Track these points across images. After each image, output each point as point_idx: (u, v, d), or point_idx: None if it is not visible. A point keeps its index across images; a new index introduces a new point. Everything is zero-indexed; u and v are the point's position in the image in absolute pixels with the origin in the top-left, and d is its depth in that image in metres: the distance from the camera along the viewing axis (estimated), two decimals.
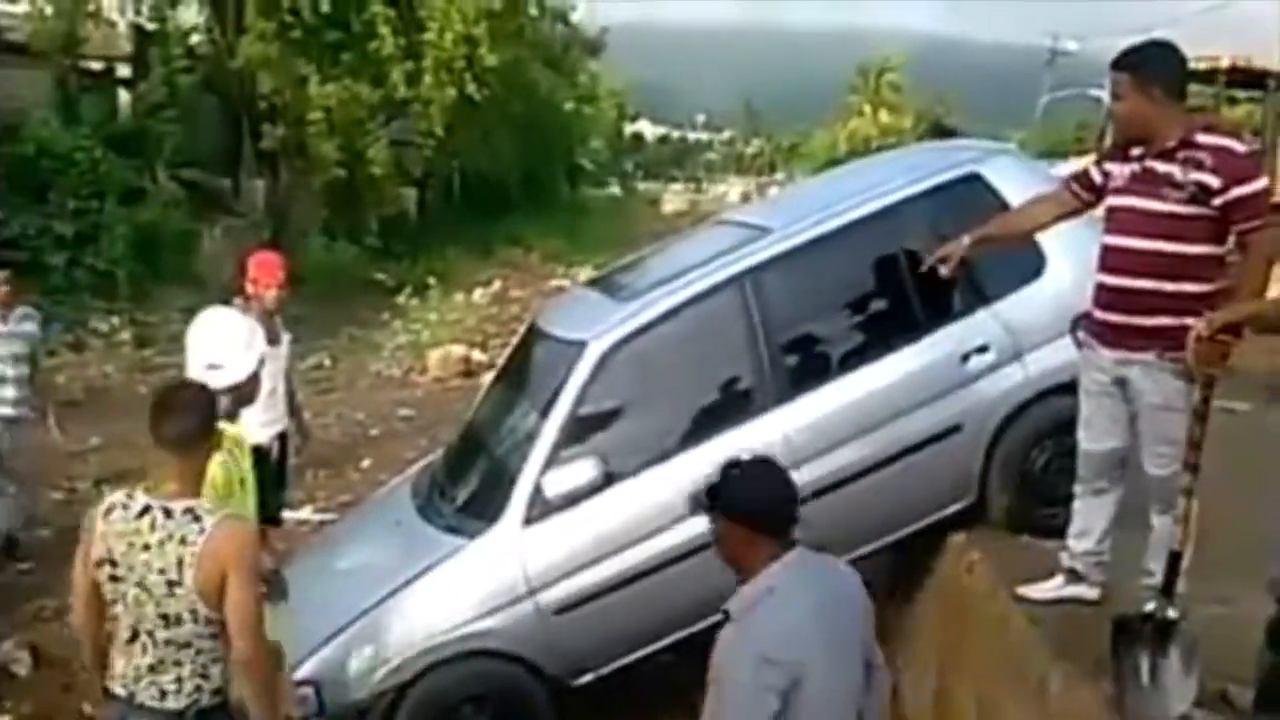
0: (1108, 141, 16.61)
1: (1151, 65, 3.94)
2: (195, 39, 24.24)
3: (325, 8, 21.57)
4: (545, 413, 4.99)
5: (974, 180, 5.21)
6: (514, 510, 4.87)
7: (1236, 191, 3.78)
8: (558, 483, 4.82)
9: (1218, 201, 3.78)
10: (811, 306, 5.27)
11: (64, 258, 15.34)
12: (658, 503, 4.90)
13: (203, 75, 23.41)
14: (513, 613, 4.80)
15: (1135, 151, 3.99)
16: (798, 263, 5.14)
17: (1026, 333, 5.08)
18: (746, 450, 4.85)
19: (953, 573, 5.35)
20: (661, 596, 4.90)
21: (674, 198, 63.74)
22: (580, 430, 4.95)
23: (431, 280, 17.99)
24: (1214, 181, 3.78)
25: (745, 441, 4.96)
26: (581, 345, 5.05)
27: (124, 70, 22.49)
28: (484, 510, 5.00)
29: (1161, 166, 3.89)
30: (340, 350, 16.04)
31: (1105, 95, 16.56)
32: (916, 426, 5.04)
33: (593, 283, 6.36)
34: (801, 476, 4.92)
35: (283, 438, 6.43)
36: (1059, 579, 4.44)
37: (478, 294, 20.44)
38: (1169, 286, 3.87)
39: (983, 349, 5.08)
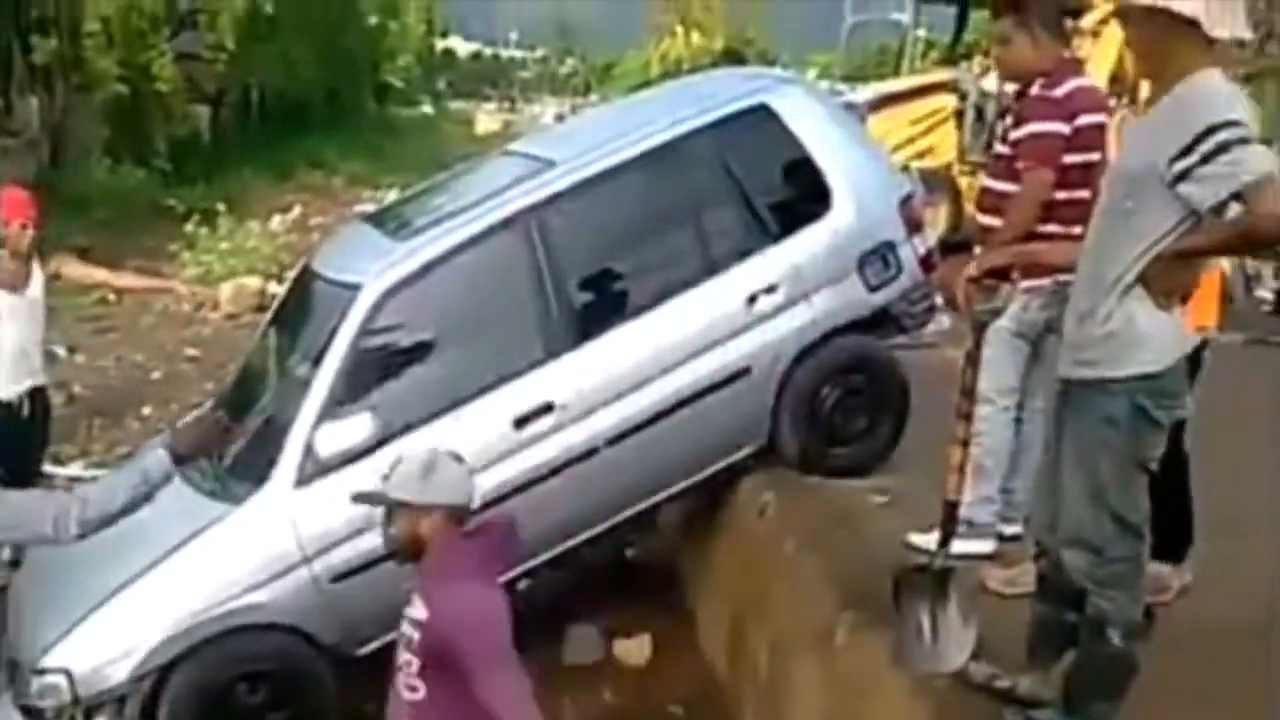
0: (905, 64, 16.49)
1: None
2: None
3: None
4: (318, 362, 4.64)
5: (762, 111, 5.08)
6: (284, 471, 4.53)
7: (1015, 133, 3.94)
8: (331, 439, 4.48)
9: (1012, 137, 3.98)
10: (599, 245, 5.05)
11: None
12: None
13: None
14: (286, 583, 4.48)
15: None
16: (584, 199, 4.91)
17: (814, 272, 5.02)
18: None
19: (746, 516, 5.31)
20: None
21: (487, 118, 62.24)
22: (356, 381, 4.61)
23: (221, 206, 16.91)
24: (1011, 121, 3.99)
25: (533, 390, 4.78)
26: (356, 288, 4.71)
27: None
28: (252, 471, 4.64)
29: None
30: None
31: (906, 19, 16.84)
32: (707, 369, 4.93)
33: (371, 217, 5.98)
34: (594, 424, 4.81)
35: (37, 393, 5.88)
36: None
37: (275, 221, 19.35)
38: (996, 222, 4.01)
39: (771, 289, 4.99)
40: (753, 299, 4.97)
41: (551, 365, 4.79)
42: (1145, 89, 16.42)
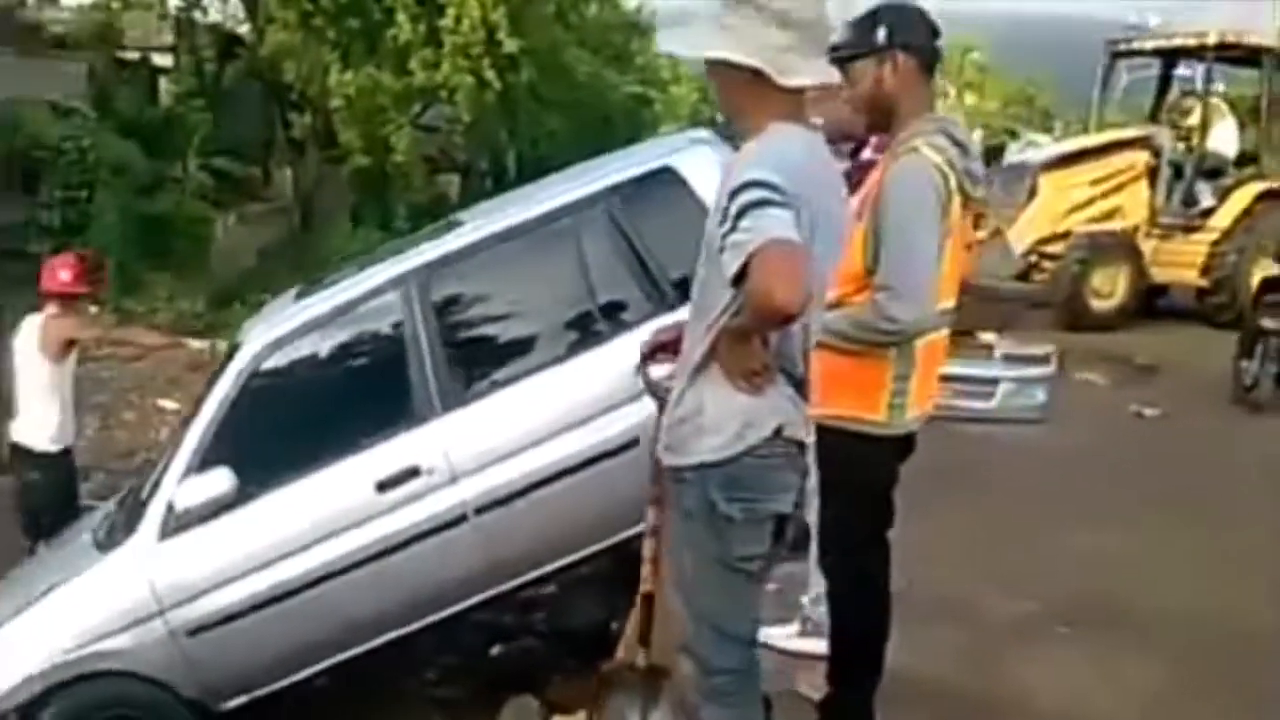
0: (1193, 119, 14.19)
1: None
2: (244, 28, 24.59)
3: None
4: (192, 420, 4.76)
5: (665, 173, 4.80)
6: (149, 524, 4.63)
7: None
8: (191, 494, 4.55)
9: None
10: (484, 309, 4.90)
11: (49, 246, 15.49)
12: (305, 518, 4.62)
13: (246, 63, 23.83)
14: (141, 632, 4.57)
15: None
16: (471, 261, 4.80)
17: None
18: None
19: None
20: (309, 618, 4.61)
21: None
22: (228, 439, 4.66)
23: None
24: None
25: (404, 452, 4.68)
26: (237, 348, 4.81)
27: (165, 60, 23.10)
28: (130, 524, 4.78)
29: None
30: None
31: (1188, 72, 15.34)
32: (592, 439, 4.64)
33: (313, 280, 6.08)
34: (463, 491, 4.65)
35: (69, 452, 6.39)
36: (795, 627, 4.07)
37: None
38: None
39: None
40: None
41: (422, 429, 4.67)
42: None
